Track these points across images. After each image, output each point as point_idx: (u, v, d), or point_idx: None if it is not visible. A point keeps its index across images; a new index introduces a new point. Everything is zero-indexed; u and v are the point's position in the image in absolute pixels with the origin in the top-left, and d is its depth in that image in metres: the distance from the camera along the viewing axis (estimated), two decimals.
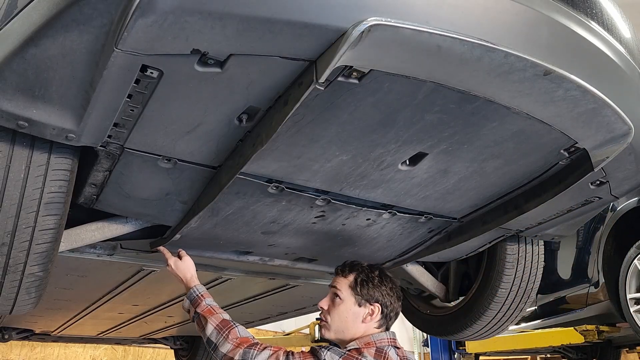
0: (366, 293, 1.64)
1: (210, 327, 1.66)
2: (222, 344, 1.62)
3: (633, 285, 3.40)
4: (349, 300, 1.64)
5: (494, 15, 1.06)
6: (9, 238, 1.34)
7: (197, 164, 1.38)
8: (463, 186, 1.58)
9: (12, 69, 1.04)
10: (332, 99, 1.13)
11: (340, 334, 1.65)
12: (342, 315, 1.64)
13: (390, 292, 1.67)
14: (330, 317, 1.67)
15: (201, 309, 1.71)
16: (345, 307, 1.64)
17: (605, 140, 1.36)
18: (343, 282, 1.69)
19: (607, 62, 1.24)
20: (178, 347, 5.20)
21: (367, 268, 1.69)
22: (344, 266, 1.72)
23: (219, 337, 1.63)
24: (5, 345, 5.58)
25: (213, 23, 0.92)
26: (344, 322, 1.63)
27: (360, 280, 1.66)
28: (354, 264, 1.72)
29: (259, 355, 1.54)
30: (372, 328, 1.63)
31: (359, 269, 1.69)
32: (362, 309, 1.63)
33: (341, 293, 1.66)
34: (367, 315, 1.62)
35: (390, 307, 1.67)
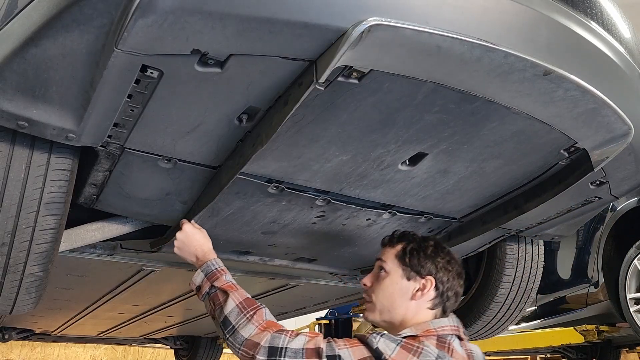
0: (416, 264, 1.39)
1: (231, 304, 1.36)
2: (244, 326, 1.32)
3: (633, 285, 3.41)
4: (396, 272, 1.40)
5: (494, 15, 1.06)
6: (9, 238, 1.34)
7: (197, 164, 1.38)
8: (463, 186, 1.58)
9: (12, 69, 1.04)
10: (332, 99, 1.13)
11: (386, 314, 1.40)
12: (388, 291, 1.39)
13: (447, 266, 1.40)
14: (375, 294, 1.42)
15: (220, 283, 1.42)
16: (390, 280, 1.40)
17: (605, 140, 1.36)
18: (389, 252, 1.44)
19: (607, 62, 1.24)
20: (178, 347, 5.20)
21: (420, 237, 1.46)
22: (393, 236, 1.48)
23: (240, 317, 1.34)
24: (5, 345, 5.58)
25: (213, 23, 0.92)
26: (390, 299, 1.39)
27: (410, 249, 1.41)
28: (405, 233, 1.47)
29: (292, 341, 1.26)
30: (424, 308, 1.37)
31: (410, 237, 1.45)
32: (411, 283, 1.37)
33: (386, 264, 1.42)
34: (418, 291, 1.37)
35: (446, 284, 1.39)
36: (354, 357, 1.22)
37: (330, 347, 1.24)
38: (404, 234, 1.47)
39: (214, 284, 1.43)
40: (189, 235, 1.53)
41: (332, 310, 5.49)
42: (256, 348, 1.28)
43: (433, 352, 1.23)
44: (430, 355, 1.22)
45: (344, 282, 2.62)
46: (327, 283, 2.62)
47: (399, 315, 1.37)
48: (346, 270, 2.45)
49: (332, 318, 5.40)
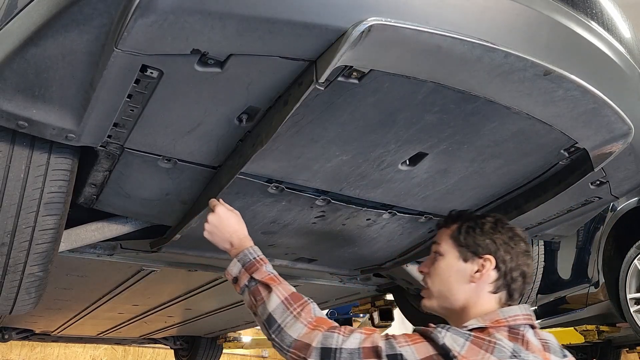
0: (472, 243, 1.27)
1: (276, 300, 1.21)
2: (291, 325, 1.18)
3: (633, 285, 3.40)
4: (451, 254, 1.29)
5: (494, 15, 1.06)
6: (9, 238, 1.34)
7: (197, 164, 1.38)
8: (463, 186, 1.58)
9: (12, 69, 1.04)
10: (332, 99, 1.13)
11: (444, 301, 1.28)
12: (444, 275, 1.28)
13: (509, 242, 1.26)
14: (431, 280, 1.31)
15: (261, 275, 1.28)
16: (446, 263, 1.29)
17: (605, 140, 1.36)
18: (444, 233, 1.33)
19: (607, 62, 1.24)
20: (178, 347, 5.20)
21: (478, 215, 1.33)
22: (449, 216, 1.37)
23: (287, 315, 1.19)
24: (5, 345, 5.58)
25: (213, 23, 0.92)
26: (446, 284, 1.27)
27: (466, 228, 1.29)
28: (462, 212, 1.36)
29: (347, 340, 1.13)
30: (486, 292, 1.24)
31: (467, 216, 1.34)
32: (468, 265, 1.26)
33: (441, 247, 1.31)
34: (476, 273, 1.24)
35: (509, 263, 1.24)
36: (417, 355, 1.09)
37: (390, 345, 1.11)
38: (460, 213, 1.35)
39: (253, 276, 1.29)
40: (222, 219, 1.37)
41: (332, 310, 5.50)
42: (307, 350, 1.14)
43: (507, 347, 1.10)
44: (504, 350, 1.09)
45: (344, 282, 2.62)
46: (327, 283, 2.62)
47: (458, 301, 1.26)
48: (346, 270, 2.45)
49: (332, 318, 5.40)
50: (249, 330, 6.03)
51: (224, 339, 5.11)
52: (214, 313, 3.44)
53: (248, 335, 6.09)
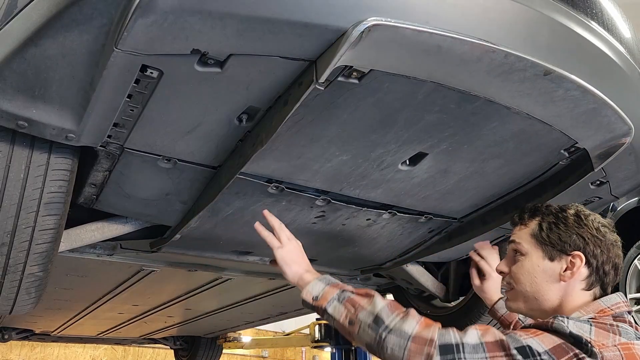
0: (557, 240, 1.20)
1: (380, 303, 1.17)
2: (404, 322, 1.12)
3: (633, 286, 3.40)
4: (535, 253, 1.22)
5: (494, 15, 1.06)
6: (9, 238, 1.34)
7: (197, 164, 1.38)
8: (463, 186, 1.58)
9: (12, 69, 1.04)
10: (332, 99, 1.13)
11: (533, 302, 1.22)
12: (530, 276, 1.22)
13: (597, 235, 1.19)
14: (515, 281, 1.25)
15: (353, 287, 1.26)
16: (531, 263, 1.22)
17: (605, 140, 1.36)
18: (523, 231, 1.27)
19: (607, 62, 1.24)
20: (178, 347, 5.21)
21: (557, 208, 1.26)
22: (523, 212, 1.30)
23: (395, 315, 1.14)
24: (5, 345, 5.58)
25: (213, 23, 0.91)
26: (534, 285, 1.21)
27: (548, 225, 1.22)
28: (537, 206, 1.28)
29: (465, 336, 1.07)
30: (578, 290, 1.18)
31: (545, 210, 1.26)
32: (555, 264, 1.19)
33: (522, 246, 1.25)
34: (566, 271, 1.18)
35: (600, 257, 1.18)
36: (544, 345, 1.02)
37: (514, 339, 1.04)
38: (536, 208, 1.27)
39: (345, 289, 1.25)
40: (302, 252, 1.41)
41: None
42: (427, 345, 1.07)
43: (629, 328, 1.06)
44: (629, 331, 1.06)
45: (344, 282, 2.61)
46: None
47: (548, 302, 1.19)
48: (346, 271, 2.45)
49: None
50: (248, 331, 6.03)
51: (223, 339, 5.11)
52: (214, 313, 3.44)
53: (248, 335, 6.08)
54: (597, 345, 1.01)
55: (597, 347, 1.00)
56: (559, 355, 1.00)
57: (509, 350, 1.02)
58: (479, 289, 1.72)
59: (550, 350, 1.01)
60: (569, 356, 1.00)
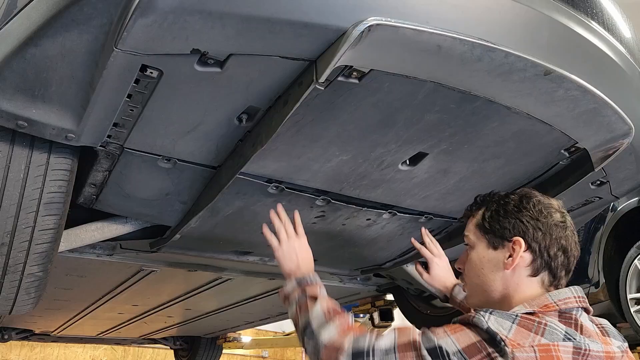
0: (498, 227, 1.17)
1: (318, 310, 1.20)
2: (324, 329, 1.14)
3: (633, 286, 3.40)
4: (480, 244, 1.20)
5: (494, 15, 1.06)
6: (9, 238, 1.34)
7: (197, 164, 1.38)
8: (463, 186, 1.58)
9: (12, 69, 1.04)
10: (332, 99, 1.13)
11: (481, 295, 1.19)
12: (477, 267, 1.19)
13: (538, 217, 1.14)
14: (466, 276, 1.23)
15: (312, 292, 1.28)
16: (477, 254, 1.20)
17: (605, 140, 1.36)
18: (470, 222, 1.25)
19: (607, 62, 1.24)
20: (178, 347, 5.21)
21: (501, 195, 1.23)
22: (474, 202, 1.27)
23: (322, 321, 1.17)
24: (5, 345, 5.58)
25: (213, 23, 0.91)
26: (481, 276, 1.18)
27: (490, 213, 1.20)
28: (487, 195, 1.26)
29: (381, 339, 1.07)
30: (524, 277, 1.13)
31: (490, 198, 1.24)
32: (499, 252, 1.16)
33: (469, 238, 1.23)
34: (508, 259, 1.14)
35: (543, 241, 1.13)
36: (459, 344, 1.00)
37: (428, 339, 1.02)
38: (484, 198, 1.25)
39: (305, 290, 1.28)
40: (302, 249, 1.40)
41: None
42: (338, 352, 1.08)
43: (560, 328, 1.01)
44: (557, 331, 1.00)
45: (344, 282, 2.62)
46: (327, 283, 2.61)
47: (495, 292, 1.15)
48: (346, 271, 2.45)
49: None
50: (248, 331, 6.03)
51: (223, 339, 5.11)
52: (213, 313, 3.44)
53: (248, 335, 6.09)
54: (511, 345, 0.97)
55: (511, 346, 0.96)
56: (470, 355, 0.98)
57: (419, 351, 1.02)
58: (429, 280, 1.64)
59: (463, 350, 0.99)
60: (481, 356, 0.98)
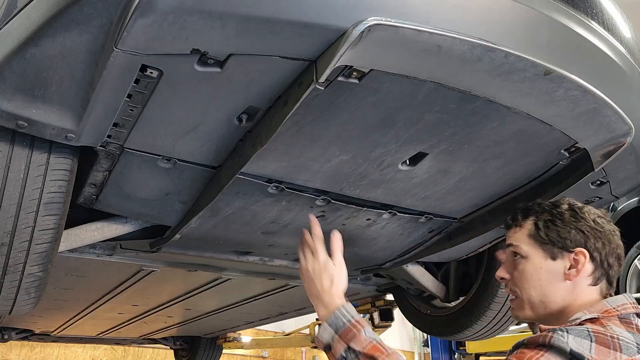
0: (557, 237, 1.15)
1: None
2: None
3: (633, 286, 3.41)
4: (536, 255, 1.17)
5: (494, 15, 1.06)
6: (9, 238, 1.34)
7: (197, 164, 1.38)
8: (463, 186, 1.58)
9: (11, 69, 1.04)
10: (332, 99, 1.13)
11: (540, 308, 1.16)
12: (534, 279, 1.16)
13: (596, 227, 1.14)
14: (519, 287, 1.19)
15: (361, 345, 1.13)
16: (532, 266, 1.17)
17: (605, 140, 1.36)
18: (519, 233, 1.22)
19: (607, 62, 1.24)
20: (178, 347, 5.21)
21: (549, 205, 1.21)
22: (515, 213, 1.25)
23: None
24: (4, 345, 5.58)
25: (213, 23, 0.91)
26: (539, 288, 1.15)
27: (544, 223, 1.18)
28: (529, 206, 1.24)
29: None
30: (585, 287, 1.13)
31: (538, 208, 1.22)
32: (559, 262, 1.15)
33: (520, 248, 1.20)
34: (571, 269, 1.13)
35: (603, 250, 1.14)
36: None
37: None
38: (528, 207, 1.23)
39: (351, 346, 1.13)
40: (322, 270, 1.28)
41: None
42: None
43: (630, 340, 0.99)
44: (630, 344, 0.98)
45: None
46: None
47: (555, 304, 1.14)
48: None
49: None
50: (248, 331, 6.03)
51: (223, 339, 5.11)
52: (213, 313, 3.44)
53: (248, 335, 6.09)
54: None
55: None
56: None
57: None
58: None
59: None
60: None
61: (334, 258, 1.30)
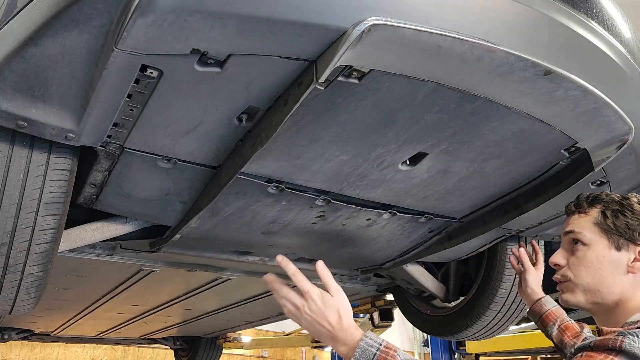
0: (625, 228, 1.13)
1: None
2: None
3: None
4: (599, 243, 1.15)
5: (494, 15, 1.06)
6: (9, 238, 1.34)
7: (196, 164, 1.38)
8: (463, 186, 1.58)
9: (11, 69, 1.04)
10: (332, 99, 1.13)
11: (594, 295, 1.14)
12: (594, 267, 1.14)
13: None
14: (574, 272, 1.17)
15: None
16: (594, 254, 1.15)
17: (605, 140, 1.36)
18: (583, 220, 1.20)
19: (607, 62, 1.24)
20: (178, 347, 5.21)
21: (620, 196, 1.19)
22: (579, 201, 1.23)
23: None
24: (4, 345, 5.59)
25: (213, 23, 0.91)
26: (598, 277, 1.13)
27: (612, 212, 1.16)
28: (596, 195, 1.22)
29: None
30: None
31: (606, 198, 1.20)
32: (623, 254, 1.12)
33: (583, 235, 1.17)
34: (635, 262, 1.11)
35: None
36: None
37: None
38: (596, 196, 1.20)
39: None
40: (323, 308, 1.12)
41: None
42: None
43: None
44: None
45: (344, 282, 2.62)
46: None
47: (613, 295, 1.11)
48: (346, 270, 2.45)
49: None
50: (248, 331, 6.03)
51: (223, 339, 5.11)
52: (213, 313, 3.44)
53: (248, 335, 6.09)
54: None
55: None
56: None
57: None
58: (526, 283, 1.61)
59: None
60: None
61: (328, 286, 1.17)
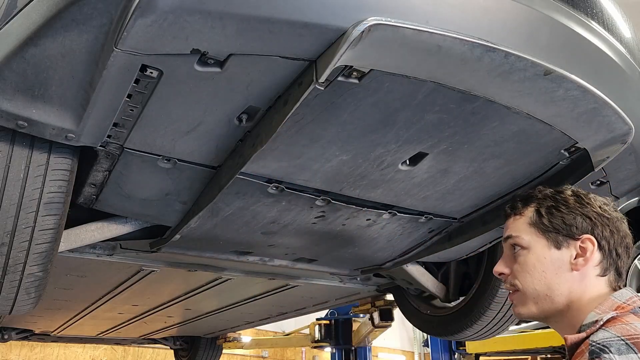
0: (561, 224, 1.06)
1: None
2: None
3: (633, 285, 3.40)
4: (538, 244, 1.08)
5: (494, 15, 1.06)
6: (9, 238, 1.34)
7: (196, 164, 1.38)
8: (463, 186, 1.58)
9: (11, 69, 1.04)
10: (332, 99, 1.13)
11: (545, 302, 1.05)
12: (537, 271, 1.06)
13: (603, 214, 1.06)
14: (520, 281, 1.08)
15: None
16: (535, 256, 1.07)
17: (605, 140, 1.36)
18: (519, 222, 1.12)
19: (607, 62, 1.24)
20: (178, 347, 5.21)
21: (552, 191, 1.12)
22: (514, 202, 1.16)
23: None
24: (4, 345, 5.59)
25: (213, 23, 0.91)
26: (544, 281, 1.05)
27: (547, 209, 1.09)
28: (529, 193, 1.14)
29: None
30: (592, 277, 1.04)
31: (539, 195, 1.12)
32: (564, 251, 1.05)
33: (521, 239, 1.10)
34: (577, 258, 1.05)
35: (611, 238, 1.05)
36: None
37: None
38: (529, 194, 1.14)
39: None
40: None
41: (332, 311, 5.50)
42: None
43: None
44: None
45: (344, 282, 2.62)
46: (327, 283, 2.62)
47: (562, 297, 1.04)
48: (346, 271, 2.45)
49: (332, 318, 5.40)
50: (248, 331, 6.03)
51: (223, 339, 5.12)
52: (213, 313, 3.44)
53: (248, 335, 6.09)
54: None
55: None
56: None
57: None
58: None
59: None
60: None
61: None
